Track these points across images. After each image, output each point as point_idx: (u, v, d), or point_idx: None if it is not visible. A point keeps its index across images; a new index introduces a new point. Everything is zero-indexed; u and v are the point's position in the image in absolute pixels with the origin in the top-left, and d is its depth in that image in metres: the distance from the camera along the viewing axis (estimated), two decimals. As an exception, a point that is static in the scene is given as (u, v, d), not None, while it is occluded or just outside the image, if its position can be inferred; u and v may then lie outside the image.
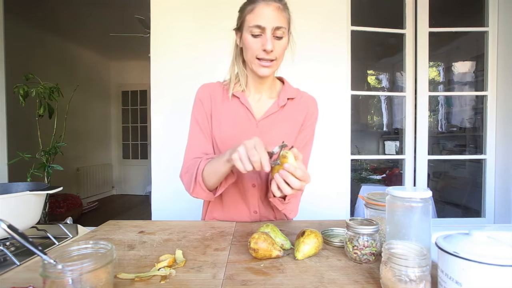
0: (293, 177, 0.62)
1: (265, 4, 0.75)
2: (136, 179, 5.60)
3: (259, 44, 0.78)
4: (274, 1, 0.76)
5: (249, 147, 0.63)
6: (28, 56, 3.61)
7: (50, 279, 0.39)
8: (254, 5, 0.77)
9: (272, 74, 0.86)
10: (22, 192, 0.80)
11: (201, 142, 0.89)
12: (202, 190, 0.81)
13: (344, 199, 1.84)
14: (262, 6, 0.76)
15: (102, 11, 3.37)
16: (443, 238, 0.46)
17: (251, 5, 0.78)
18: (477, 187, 2.11)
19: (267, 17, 0.75)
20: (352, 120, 1.89)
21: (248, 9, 0.79)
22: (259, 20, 0.76)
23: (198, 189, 0.81)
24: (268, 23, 0.76)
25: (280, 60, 0.83)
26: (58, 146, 1.81)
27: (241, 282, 0.51)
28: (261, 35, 0.78)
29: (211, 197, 0.84)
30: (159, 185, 1.79)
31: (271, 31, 0.76)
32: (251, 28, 0.78)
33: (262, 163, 0.62)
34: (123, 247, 0.68)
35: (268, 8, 0.75)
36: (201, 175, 0.79)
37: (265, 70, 0.81)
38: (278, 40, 0.78)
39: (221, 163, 0.74)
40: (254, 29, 0.77)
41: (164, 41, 1.77)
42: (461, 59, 3.42)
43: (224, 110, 0.89)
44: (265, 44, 0.76)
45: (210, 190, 0.82)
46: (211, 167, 0.78)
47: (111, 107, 5.58)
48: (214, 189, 0.83)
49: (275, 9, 0.76)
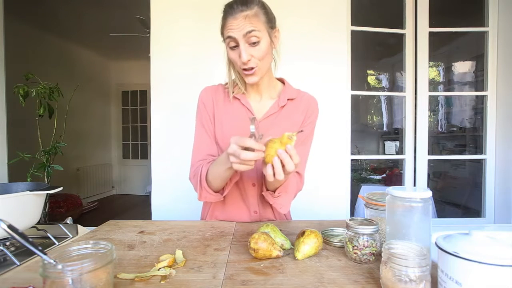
0: (289, 159, 0.62)
1: (233, 18, 0.75)
2: (136, 179, 5.60)
3: (237, 55, 0.79)
4: (240, 11, 0.74)
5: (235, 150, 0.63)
6: (28, 56, 3.61)
7: (50, 279, 0.39)
8: (225, 20, 0.78)
9: (263, 77, 0.86)
10: (22, 192, 0.80)
11: (207, 144, 0.90)
12: (210, 194, 0.83)
13: (344, 199, 1.84)
14: (230, 20, 0.76)
15: (102, 11, 3.37)
16: (443, 238, 0.46)
17: (223, 19, 0.78)
18: (477, 187, 2.11)
19: (236, 28, 0.75)
20: (352, 120, 1.89)
21: (222, 23, 0.79)
22: (229, 32, 0.76)
23: (205, 194, 0.83)
24: (238, 32, 0.75)
25: (266, 62, 0.82)
26: (58, 146, 1.80)
27: (241, 282, 0.51)
28: (237, 46, 0.78)
29: (220, 198, 0.86)
30: (159, 185, 1.79)
31: (244, 40, 0.76)
32: (227, 40, 0.78)
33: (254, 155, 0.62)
34: (123, 247, 0.68)
35: (236, 20, 0.75)
36: (205, 180, 0.82)
37: (251, 78, 0.82)
38: (254, 46, 0.77)
39: (223, 171, 0.76)
40: (230, 41, 0.78)
41: (164, 41, 1.77)
42: (461, 59, 3.42)
43: (226, 112, 0.90)
44: (241, 55, 0.77)
45: (217, 191, 0.85)
46: (215, 173, 0.79)
47: (111, 107, 5.58)
48: (221, 189, 0.85)
49: (243, 19, 0.74)
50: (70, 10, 3.36)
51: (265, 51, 0.79)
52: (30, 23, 3.62)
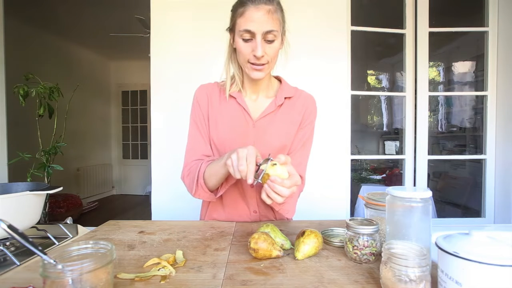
0: (280, 187, 0.62)
1: (255, 8, 0.72)
2: (136, 179, 5.60)
3: (249, 48, 0.76)
4: (264, 3, 0.72)
5: (241, 156, 0.64)
6: (28, 56, 3.61)
7: (50, 279, 0.39)
8: (244, 8, 0.74)
9: (266, 75, 0.85)
10: (22, 192, 0.80)
11: (200, 144, 0.89)
12: (204, 192, 0.82)
13: (344, 199, 1.84)
14: (252, 10, 0.72)
15: (102, 11, 3.37)
16: (443, 238, 0.46)
17: (241, 7, 0.75)
18: (477, 187, 2.11)
19: (257, 21, 0.72)
20: (352, 120, 1.89)
21: (238, 11, 0.76)
22: (249, 24, 0.73)
23: (200, 191, 0.83)
24: (259, 28, 0.73)
25: (274, 62, 0.82)
26: (58, 146, 1.80)
27: (241, 282, 0.51)
28: (252, 40, 0.76)
29: (213, 198, 0.85)
30: (159, 185, 1.79)
31: (262, 36, 0.74)
32: (241, 32, 0.75)
33: (247, 175, 0.63)
34: (123, 247, 0.68)
35: (258, 13, 0.72)
36: (203, 177, 0.81)
37: (257, 74, 0.80)
38: (269, 43, 0.76)
39: (220, 166, 0.75)
40: (244, 33, 0.75)
41: (164, 41, 1.77)
42: (461, 59, 3.42)
43: (221, 111, 0.89)
44: (255, 50, 0.75)
45: (212, 191, 0.84)
46: (211, 170, 0.79)
47: (111, 107, 5.58)
48: (216, 190, 0.85)
49: (266, 12, 0.72)
50: (70, 10, 3.36)
51: (277, 50, 0.79)
52: (30, 23, 3.61)
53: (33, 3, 3.16)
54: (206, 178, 0.80)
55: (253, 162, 0.64)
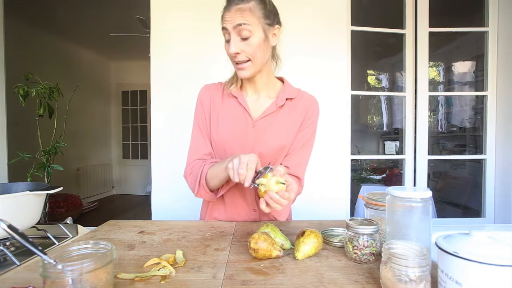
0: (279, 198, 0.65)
1: (227, 10, 0.77)
2: (136, 179, 5.60)
3: (229, 48, 0.79)
4: (235, 4, 0.75)
5: (242, 161, 0.67)
6: (28, 56, 3.61)
7: (50, 279, 0.39)
8: (222, 13, 0.79)
9: (260, 74, 0.86)
10: (22, 192, 0.80)
11: (201, 144, 0.90)
12: (206, 192, 0.84)
13: (344, 199, 1.84)
14: (225, 12, 0.78)
15: (102, 11, 3.37)
16: (443, 238, 0.46)
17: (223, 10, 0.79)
18: (477, 187, 2.11)
19: (228, 18, 0.76)
20: (352, 120, 1.89)
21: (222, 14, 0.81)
22: (223, 23, 0.78)
23: (201, 191, 0.85)
24: (229, 24, 0.76)
25: (259, 59, 0.81)
26: (58, 146, 1.80)
27: (241, 282, 0.51)
28: (230, 39, 0.78)
29: (213, 198, 0.87)
30: (159, 185, 1.79)
31: (235, 32, 0.76)
32: (222, 32, 0.80)
33: (245, 179, 0.66)
34: (123, 247, 0.68)
35: (229, 13, 0.76)
36: (205, 178, 0.83)
37: (242, 72, 0.82)
38: (244, 40, 0.77)
39: (221, 169, 0.77)
40: (224, 33, 0.79)
41: (164, 41, 1.77)
42: (461, 59, 3.42)
43: (223, 110, 0.89)
44: (229, 47, 0.78)
45: (212, 191, 0.86)
46: (213, 172, 0.81)
47: (111, 107, 5.58)
48: (216, 190, 0.86)
49: (237, 10, 0.75)
50: (70, 10, 3.36)
51: (256, 47, 0.78)
52: (30, 23, 3.61)
53: (33, 3, 3.16)
54: (208, 179, 0.82)
55: (252, 169, 0.66)
